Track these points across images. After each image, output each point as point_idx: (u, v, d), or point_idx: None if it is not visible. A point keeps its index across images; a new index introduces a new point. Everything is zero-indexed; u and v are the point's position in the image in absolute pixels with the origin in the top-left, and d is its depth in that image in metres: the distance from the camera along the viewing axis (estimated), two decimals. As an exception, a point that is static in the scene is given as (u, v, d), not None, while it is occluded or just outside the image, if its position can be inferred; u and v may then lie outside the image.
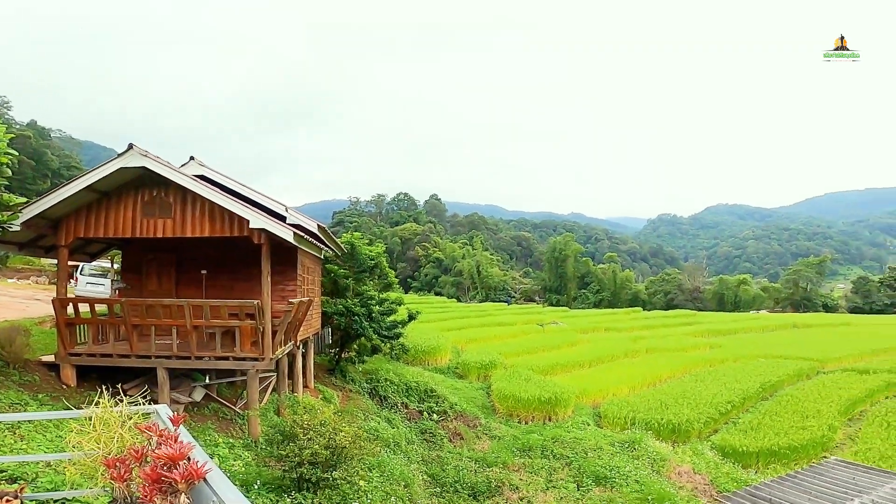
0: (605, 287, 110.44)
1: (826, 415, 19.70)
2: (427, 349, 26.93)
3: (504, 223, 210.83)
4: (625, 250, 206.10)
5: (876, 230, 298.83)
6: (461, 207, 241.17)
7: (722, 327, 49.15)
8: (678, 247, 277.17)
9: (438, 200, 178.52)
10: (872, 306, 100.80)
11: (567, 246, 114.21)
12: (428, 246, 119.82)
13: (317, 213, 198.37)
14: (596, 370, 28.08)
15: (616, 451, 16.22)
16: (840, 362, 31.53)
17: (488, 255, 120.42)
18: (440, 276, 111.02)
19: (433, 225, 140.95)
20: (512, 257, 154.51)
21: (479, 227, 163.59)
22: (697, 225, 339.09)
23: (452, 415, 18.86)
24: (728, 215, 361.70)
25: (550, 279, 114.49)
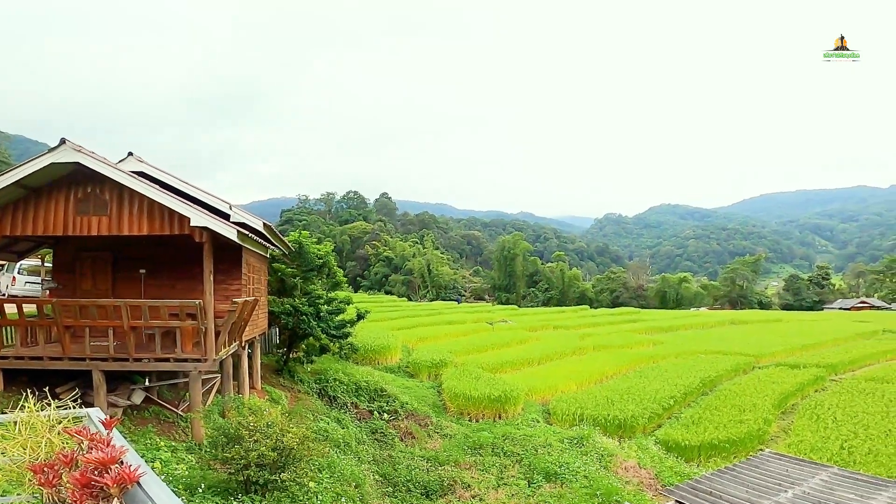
0: (553, 285, 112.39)
1: (761, 408, 20.47)
2: (377, 348, 26.74)
3: (454, 222, 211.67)
4: (572, 249, 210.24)
5: (805, 230, 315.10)
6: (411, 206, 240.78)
7: (664, 324, 50.59)
8: (623, 246, 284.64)
9: (389, 199, 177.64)
10: (802, 303, 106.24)
11: (516, 245, 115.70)
12: (378, 244, 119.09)
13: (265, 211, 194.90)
14: (545, 368, 28.46)
15: (565, 447, 16.49)
16: (773, 357, 32.80)
17: (439, 253, 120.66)
18: (390, 275, 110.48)
19: (383, 223, 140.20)
20: (462, 256, 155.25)
21: (430, 225, 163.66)
22: (642, 224, 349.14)
23: (403, 414, 18.78)
24: (670, 215, 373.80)
25: (500, 278, 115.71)
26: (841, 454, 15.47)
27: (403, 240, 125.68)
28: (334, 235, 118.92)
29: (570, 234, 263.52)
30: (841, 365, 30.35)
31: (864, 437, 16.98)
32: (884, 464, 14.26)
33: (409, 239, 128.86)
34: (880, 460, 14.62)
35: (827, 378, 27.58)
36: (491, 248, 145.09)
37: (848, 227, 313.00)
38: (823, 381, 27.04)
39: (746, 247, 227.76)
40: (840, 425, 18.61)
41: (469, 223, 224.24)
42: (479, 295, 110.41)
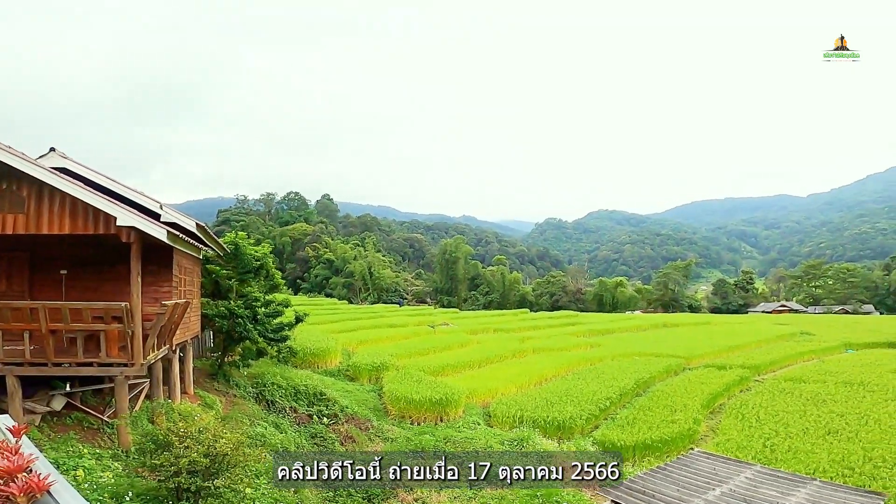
0: (494, 289, 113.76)
1: (691, 409, 21.15)
2: (316, 351, 26.27)
3: (397, 224, 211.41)
4: (513, 253, 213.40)
5: (733, 236, 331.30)
6: (354, 208, 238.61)
7: (601, 327, 51.91)
8: (563, 250, 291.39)
9: (330, 200, 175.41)
10: (729, 306, 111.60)
11: (458, 248, 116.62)
12: (319, 246, 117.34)
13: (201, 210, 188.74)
14: (485, 370, 28.68)
15: (506, 449, 16.64)
16: (702, 359, 34.00)
17: (380, 256, 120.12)
18: (331, 278, 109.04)
19: (324, 225, 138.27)
20: (404, 259, 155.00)
21: (372, 228, 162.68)
22: (581, 229, 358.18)
23: (343, 418, 18.49)
24: (608, 221, 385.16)
25: (442, 281, 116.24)
26: (764, 452, 16.13)
27: (345, 242, 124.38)
28: (274, 237, 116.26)
29: (511, 238, 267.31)
30: (763, 366, 31.85)
31: (785, 436, 17.80)
32: (802, 461, 14.96)
33: (350, 241, 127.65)
34: (799, 457, 15.35)
35: (751, 378, 28.82)
36: (433, 252, 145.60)
37: (770, 234, 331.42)
38: (748, 381, 28.25)
39: (678, 252, 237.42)
40: (763, 424, 19.43)
41: (412, 226, 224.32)
42: (420, 298, 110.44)
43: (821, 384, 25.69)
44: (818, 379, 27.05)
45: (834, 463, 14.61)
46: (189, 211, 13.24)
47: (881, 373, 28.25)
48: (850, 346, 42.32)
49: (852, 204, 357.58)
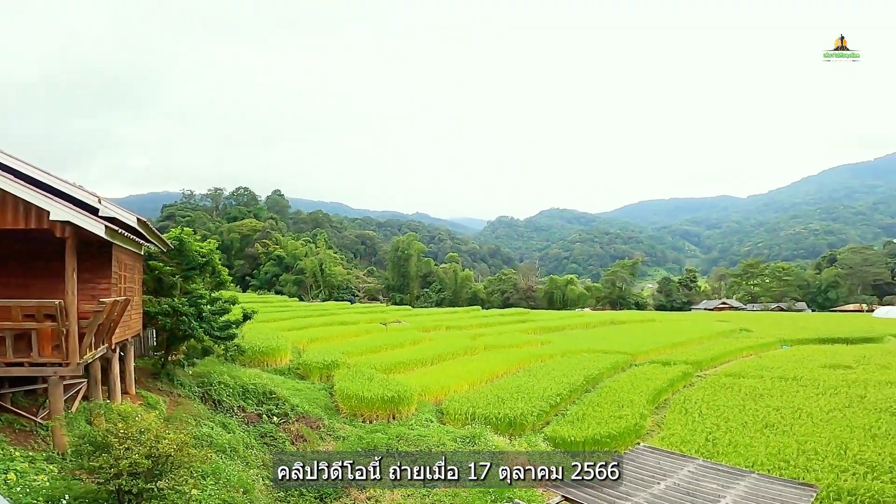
0: (446, 286, 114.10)
1: (638, 404, 21.55)
2: (265, 350, 25.68)
3: (349, 221, 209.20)
4: (466, 250, 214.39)
5: (677, 236, 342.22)
6: (305, 204, 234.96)
7: (551, 324, 52.67)
8: (514, 248, 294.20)
9: (281, 196, 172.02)
10: (673, 304, 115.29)
11: (410, 245, 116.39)
12: (269, 243, 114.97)
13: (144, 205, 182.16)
14: (438, 368, 28.64)
15: (458, 446, 16.64)
16: (648, 355, 34.76)
17: (332, 253, 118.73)
18: (281, 275, 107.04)
19: (275, 221, 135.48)
20: (356, 256, 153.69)
21: (324, 224, 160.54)
22: (532, 227, 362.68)
23: (294, 417, 18.13)
24: (559, 219, 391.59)
25: (394, 278, 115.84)
26: (706, 446, 16.53)
27: (296, 239, 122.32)
28: (221, 233, 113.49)
29: (464, 236, 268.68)
30: (705, 361, 32.82)
31: (726, 430, 18.30)
32: (742, 454, 15.43)
33: (301, 238, 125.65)
34: (739, 451, 15.82)
35: (694, 374, 29.62)
36: (385, 249, 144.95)
37: (712, 234, 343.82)
38: (691, 377, 29.01)
39: (626, 251, 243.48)
40: (705, 418, 19.93)
41: (364, 223, 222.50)
42: (372, 295, 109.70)
43: (758, 379, 26.59)
44: (756, 374, 27.98)
45: (771, 456, 15.12)
46: (132, 206, 12.73)
47: (812, 368, 29.55)
48: (784, 342, 44.11)
49: (788, 205, 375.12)
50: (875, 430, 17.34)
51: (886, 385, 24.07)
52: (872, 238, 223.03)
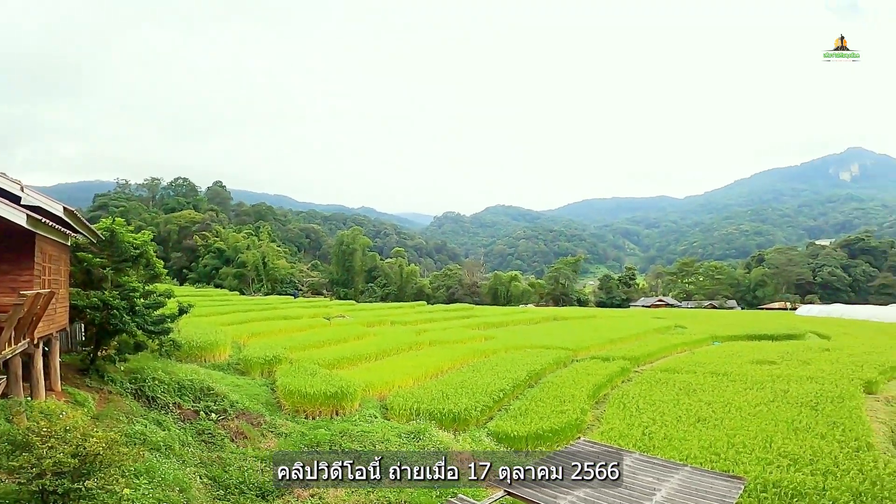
0: (391, 281, 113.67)
1: (578, 399, 21.82)
2: (203, 345, 24.87)
3: (293, 214, 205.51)
4: (412, 245, 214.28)
5: (618, 234, 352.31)
6: (248, 196, 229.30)
7: (495, 320, 53.05)
8: (460, 244, 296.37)
9: (223, 187, 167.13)
10: (613, 300, 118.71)
11: (355, 240, 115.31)
12: (208, 235, 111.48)
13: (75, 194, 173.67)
14: (382, 363, 28.41)
15: (403, 442, 16.56)
16: (588, 351, 35.30)
17: (275, 246, 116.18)
18: (221, 268, 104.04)
19: (215, 213, 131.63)
20: (300, 249, 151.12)
21: (267, 217, 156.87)
22: (478, 224, 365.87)
23: (233, 413, 17.62)
24: (504, 216, 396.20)
25: (338, 272, 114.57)
26: (643, 440, 16.84)
27: (237, 231, 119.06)
28: (158, 224, 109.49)
29: (410, 231, 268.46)
30: (642, 357, 33.59)
31: (661, 424, 18.68)
32: (676, 447, 15.79)
33: (243, 230, 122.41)
34: (673, 444, 16.18)
35: (631, 370, 30.24)
36: (330, 243, 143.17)
37: (651, 233, 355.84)
38: (629, 372, 29.58)
39: (569, 248, 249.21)
40: (642, 413, 20.28)
41: (309, 216, 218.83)
42: (316, 289, 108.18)
43: (692, 374, 27.29)
44: (689, 369, 28.72)
45: (703, 449, 15.57)
46: (61, 195, 12.05)
47: (741, 363, 30.69)
48: (716, 338, 45.71)
49: (721, 206, 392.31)
50: (797, 423, 18.13)
51: (807, 380, 25.26)
52: (797, 239, 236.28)
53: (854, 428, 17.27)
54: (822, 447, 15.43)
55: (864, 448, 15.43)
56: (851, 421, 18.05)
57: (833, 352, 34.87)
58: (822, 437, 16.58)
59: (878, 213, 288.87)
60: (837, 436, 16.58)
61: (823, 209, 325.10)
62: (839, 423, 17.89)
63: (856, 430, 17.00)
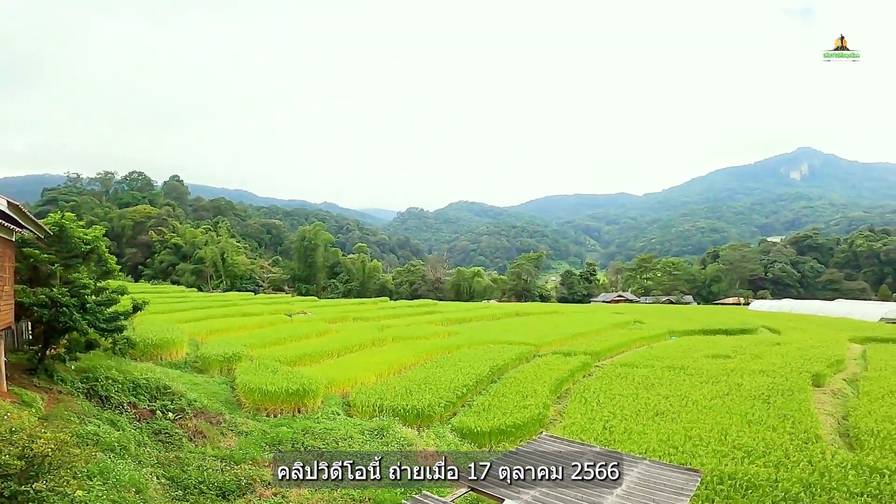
0: (354, 277, 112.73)
1: (541, 394, 22.02)
2: (159, 342, 24.23)
3: (254, 209, 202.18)
4: (374, 241, 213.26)
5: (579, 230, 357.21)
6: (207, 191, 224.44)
7: (458, 316, 53.14)
8: (423, 239, 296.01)
9: (180, 182, 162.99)
10: (574, 296, 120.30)
11: (317, 235, 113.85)
12: (164, 231, 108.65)
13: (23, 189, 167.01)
14: (345, 359, 28.20)
15: (366, 438, 16.44)
16: (551, 346, 35.51)
17: (234, 242, 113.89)
18: (178, 264, 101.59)
19: (172, 208, 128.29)
20: (261, 245, 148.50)
21: (226, 212, 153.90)
22: (441, 219, 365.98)
23: (192, 412, 17.19)
24: (467, 212, 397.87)
25: (300, 268, 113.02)
26: (604, 434, 17.12)
27: (195, 226, 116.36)
28: (111, 219, 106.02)
29: (373, 227, 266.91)
30: (603, 352, 33.97)
31: (621, 418, 19.03)
32: (636, 441, 16.13)
33: (201, 226, 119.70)
34: (633, 438, 16.52)
35: (592, 364, 30.53)
36: (292, 238, 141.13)
37: (611, 229, 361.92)
38: (590, 367, 29.86)
39: (531, 244, 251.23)
40: (603, 407, 20.61)
41: (270, 211, 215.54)
42: (277, 286, 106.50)
43: (650, 369, 27.85)
44: (648, 364, 29.25)
45: (661, 442, 15.91)
46: (8, 189, 11.56)
47: (697, 357, 31.48)
48: (673, 333, 46.66)
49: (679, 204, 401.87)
50: (750, 416, 18.65)
51: (759, 374, 26.06)
52: (750, 236, 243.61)
53: (803, 420, 17.87)
54: (773, 439, 15.91)
55: (812, 440, 15.97)
56: (801, 413, 18.66)
57: (783, 346, 35.99)
58: (774, 429, 17.09)
59: (826, 211, 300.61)
60: (788, 428, 17.10)
61: (775, 207, 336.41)
62: (789, 415, 18.47)
63: (805, 423, 17.58)
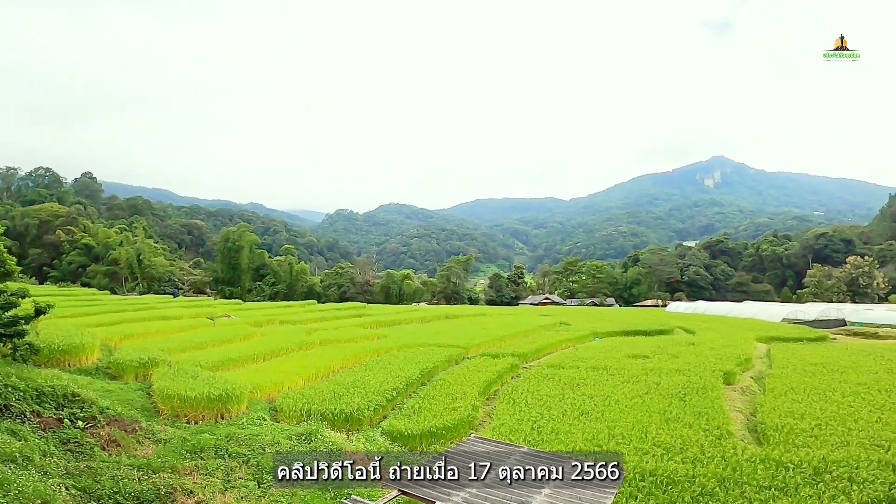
0: (281, 279, 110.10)
1: (470, 396, 22.10)
2: (67, 348, 22.63)
3: (174, 209, 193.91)
4: (302, 243, 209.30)
5: (508, 234, 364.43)
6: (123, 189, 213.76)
7: (388, 318, 52.75)
8: (353, 241, 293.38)
9: (93, 179, 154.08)
10: (503, 298, 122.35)
11: (242, 236, 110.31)
12: (74, 230, 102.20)
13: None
14: (270, 364, 27.37)
15: (294, 443, 16.01)
16: (479, 348, 35.83)
17: (152, 242, 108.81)
18: (90, 265, 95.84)
19: (83, 207, 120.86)
20: (181, 246, 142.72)
21: (144, 211, 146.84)
22: (371, 222, 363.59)
23: (104, 420, 16.17)
24: (397, 214, 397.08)
25: (224, 270, 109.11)
26: (532, 434, 17.40)
27: (109, 226, 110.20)
28: (13, 217, 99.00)
29: (301, 228, 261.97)
30: (530, 353, 34.55)
31: (548, 418, 19.35)
32: (563, 440, 16.47)
33: (116, 225, 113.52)
34: (560, 437, 16.86)
35: (520, 366, 31.01)
36: (215, 239, 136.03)
37: (539, 233, 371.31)
38: (517, 368, 30.30)
39: (461, 247, 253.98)
40: (531, 408, 20.89)
41: (191, 211, 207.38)
42: (199, 288, 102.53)
43: (575, 369, 28.48)
44: (573, 365, 29.93)
45: (587, 441, 16.30)
46: None
47: (619, 357, 32.51)
48: (596, 334, 48.13)
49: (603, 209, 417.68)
50: (668, 414, 19.42)
51: (676, 373, 27.25)
52: (667, 240, 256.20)
53: (716, 417, 18.78)
54: (690, 436, 16.63)
55: (725, 436, 16.80)
56: (714, 411, 19.59)
57: (697, 346, 37.74)
58: (690, 426, 17.86)
59: (736, 216, 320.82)
60: (703, 425, 17.90)
61: (690, 213, 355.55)
62: (703, 412, 19.37)
63: (717, 419, 18.48)
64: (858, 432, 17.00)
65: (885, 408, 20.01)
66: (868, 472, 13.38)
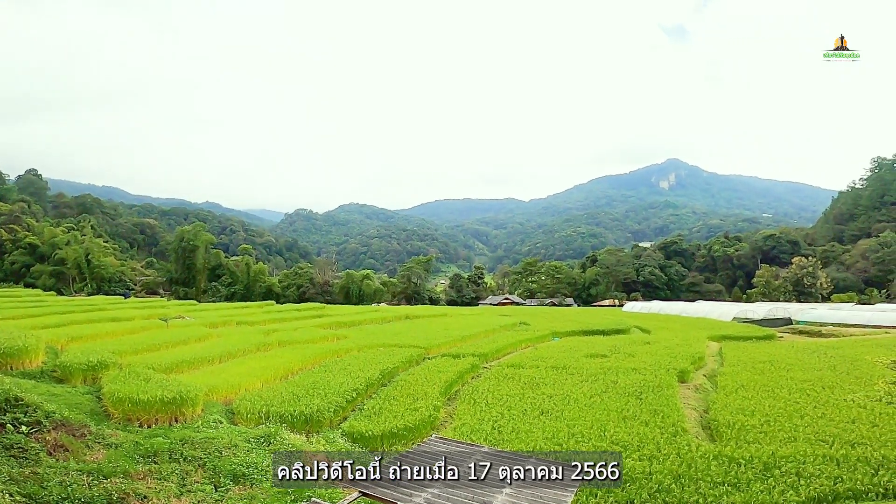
0: (238, 280, 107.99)
1: (431, 396, 21.98)
2: (8, 351, 21.57)
3: (125, 207, 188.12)
4: (261, 243, 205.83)
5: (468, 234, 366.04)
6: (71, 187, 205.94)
7: (348, 319, 52.12)
8: (312, 241, 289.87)
9: (38, 176, 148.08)
10: (463, 298, 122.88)
11: (197, 236, 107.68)
12: (17, 229, 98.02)
13: None
14: (227, 365, 26.72)
15: (252, 446, 15.68)
16: (440, 349, 35.62)
17: (101, 242, 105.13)
18: (34, 265, 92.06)
19: (27, 205, 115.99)
20: (133, 246, 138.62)
21: (92, 210, 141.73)
22: (331, 222, 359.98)
23: (50, 425, 15.50)
24: (358, 214, 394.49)
25: (178, 270, 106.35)
26: (493, 434, 17.43)
27: (55, 225, 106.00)
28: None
29: (259, 228, 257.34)
30: (490, 353, 34.52)
31: (509, 418, 19.43)
32: (523, 440, 16.58)
33: (63, 224, 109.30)
34: (521, 437, 16.95)
35: (481, 366, 30.98)
36: (169, 239, 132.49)
37: (499, 234, 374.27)
38: (478, 368, 30.25)
39: (421, 247, 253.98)
40: (491, 408, 20.95)
41: (144, 210, 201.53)
42: (152, 289, 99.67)
43: (535, 369, 28.63)
44: (533, 364, 30.09)
45: (547, 440, 16.48)
46: None
47: (577, 357, 32.79)
48: (556, 334, 48.44)
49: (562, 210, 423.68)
50: (625, 412, 19.73)
51: (632, 371, 27.72)
52: (624, 241, 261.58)
53: (671, 415, 19.17)
54: (646, 434, 16.96)
55: (679, 433, 17.17)
56: (669, 408, 20.01)
57: (653, 345, 38.50)
58: (646, 423, 18.20)
59: (689, 218, 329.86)
60: (658, 422, 18.27)
61: (646, 214, 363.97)
62: (659, 410, 19.76)
63: (672, 417, 18.87)
64: (804, 428, 17.58)
65: (829, 404, 20.75)
66: (814, 466, 13.89)
